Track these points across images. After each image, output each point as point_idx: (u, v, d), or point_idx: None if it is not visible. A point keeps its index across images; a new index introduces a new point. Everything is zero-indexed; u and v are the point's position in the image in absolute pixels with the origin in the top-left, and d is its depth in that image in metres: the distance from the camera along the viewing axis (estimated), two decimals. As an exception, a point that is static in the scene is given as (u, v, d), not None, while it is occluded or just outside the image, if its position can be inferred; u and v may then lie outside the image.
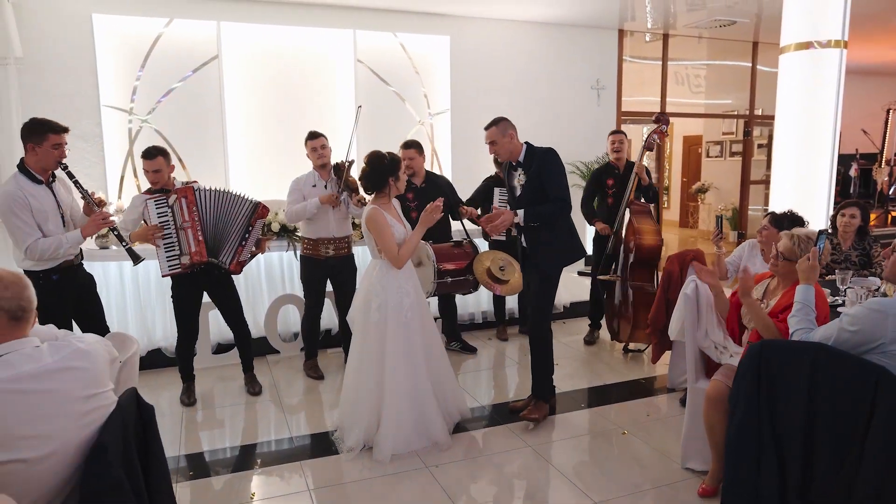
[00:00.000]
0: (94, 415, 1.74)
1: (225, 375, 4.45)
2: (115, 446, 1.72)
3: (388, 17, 6.62)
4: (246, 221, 3.81)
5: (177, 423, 3.75)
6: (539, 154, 3.51)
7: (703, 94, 8.98)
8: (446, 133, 7.00)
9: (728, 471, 2.29)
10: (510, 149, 3.53)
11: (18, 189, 3.19)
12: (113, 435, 1.74)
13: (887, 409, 1.92)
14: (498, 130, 3.49)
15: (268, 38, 6.17)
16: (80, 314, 3.56)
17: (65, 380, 1.69)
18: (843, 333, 2.13)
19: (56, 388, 1.66)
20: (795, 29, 5.75)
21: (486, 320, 5.48)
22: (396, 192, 3.40)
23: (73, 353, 1.73)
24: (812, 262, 2.45)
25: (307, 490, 2.97)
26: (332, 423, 3.66)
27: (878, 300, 2.14)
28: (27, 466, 1.62)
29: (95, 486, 1.64)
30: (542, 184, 3.47)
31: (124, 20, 5.68)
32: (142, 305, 4.53)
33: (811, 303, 2.37)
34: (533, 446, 3.37)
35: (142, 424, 1.97)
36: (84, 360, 1.74)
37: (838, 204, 4.08)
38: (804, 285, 2.43)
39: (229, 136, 6.11)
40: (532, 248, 3.59)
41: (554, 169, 3.49)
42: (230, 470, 3.21)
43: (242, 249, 3.82)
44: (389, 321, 3.27)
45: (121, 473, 1.68)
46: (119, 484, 1.66)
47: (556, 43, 7.42)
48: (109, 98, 5.73)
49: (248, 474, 3.17)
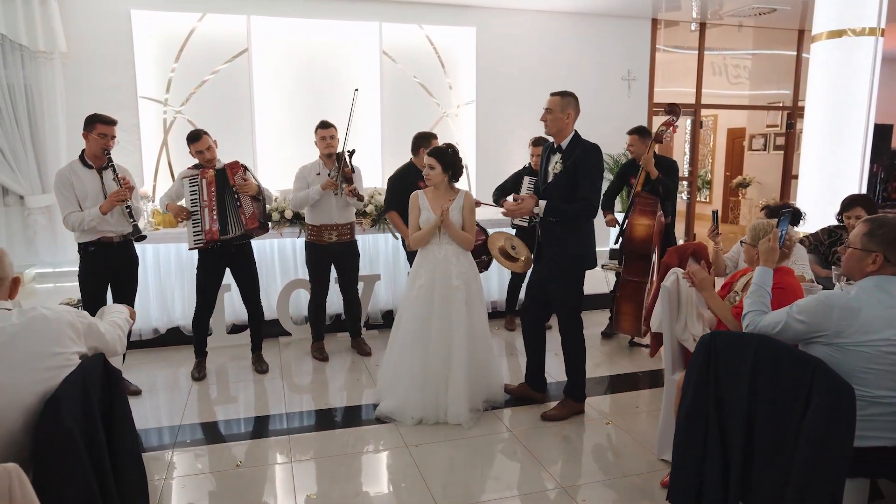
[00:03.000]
0: (53, 372, 1.91)
1: (237, 354, 4.67)
2: (70, 401, 1.88)
3: (415, 9, 6.71)
4: (227, 184, 3.97)
5: (184, 396, 3.97)
6: (582, 148, 3.38)
7: (745, 85, 8.70)
8: (471, 124, 7.05)
9: (675, 457, 2.29)
10: (561, 127, 3.39)
11: (69, 170, 3.72)
12: (68, 391, 1.90)
13: (819, 401, 1.89)
14: (561, 101, 3.37)
15: (295, 32, 6.37)
16: (116, 289, 3.90)
17: (25, 339, 1.86)
18: (791, 320, 2.12)
19: (16, 345, 1.84)
20: (828, 16, 5.54)
21: (496, 310, 5.52)
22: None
23: (35, 318, 1.91)
24: (772, 244, 2.40)
25: (289, 462, 3.12)
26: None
27: (827, 293, 2.11)
28: (-11, 414, 1.80)
29: (46, 434, 1.80)
30: (574, 178, 3.37)
31: (160, 15, 5.98)
32: (162, 286, 4.80)
33: (768, 285, 2.34)
34: (514, 432, 3.43)
35: (108, 387, 2.14)
36: (44, 323, 1.91)
37: (843, 201, 3.93)
38: (762, 267, 2.39)
39: (258, 126, 6.35)
40: (546, 242, 3.53)
41: (592, 168, 3.39)
42: (222, 440, 3.40)
43: (243, 209, 3.99)
44: (403, 297, 3.73)
45: (71, 425, 1.84)
46: (68, 433, 1.81)
47: (585, 33, 7.35)
48: (146, 90, 6.05)
49: (240, 444, 3.35)
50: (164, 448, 3.28)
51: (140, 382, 4.09)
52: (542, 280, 3.64)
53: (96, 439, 1.99)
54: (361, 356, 4.65)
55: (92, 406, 2.00)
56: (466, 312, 3.54)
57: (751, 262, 2.73)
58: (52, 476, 1.81)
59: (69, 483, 1.82)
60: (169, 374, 4.37)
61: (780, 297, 2.45)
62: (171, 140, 6.17)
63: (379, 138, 6.69)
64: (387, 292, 5.24)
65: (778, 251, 2.42)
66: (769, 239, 2.44)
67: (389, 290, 5.23)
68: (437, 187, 3.62)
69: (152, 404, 3.88)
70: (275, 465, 3.10)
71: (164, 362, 4.57)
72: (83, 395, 1.97)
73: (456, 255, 3.60)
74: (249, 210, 4.02)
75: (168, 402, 3.92)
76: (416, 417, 3.48)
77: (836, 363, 2.00)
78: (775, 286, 2.49)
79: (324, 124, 4.35)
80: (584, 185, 3.36)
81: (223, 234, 3.99)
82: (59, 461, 1.80)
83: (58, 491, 1.80)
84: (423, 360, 3.51)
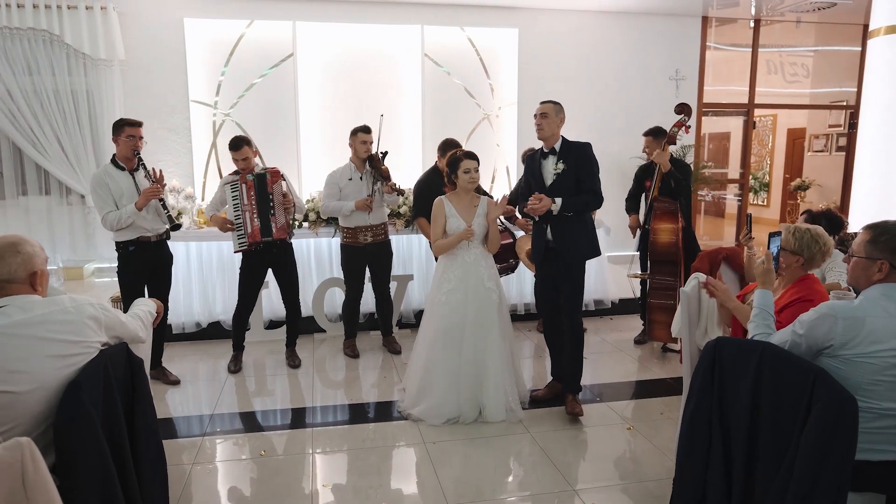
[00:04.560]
0: (75, 359, 2.05)
1: (273, 349, 4.83)
2: (89, 385, 2.01)
3: (457, 11, 6.76)
4: (266, 192, 4.15)
5: (220, 386, 4.14)
6: (577, 147, 3.61)
7: (805, 83, 8.35)
8: (512, 125, 7.05)
9: (679, 460, 2.26)
10: (554, 131, 3.62)
11: (103, 173, 3.93)
12: (89, 376, 2.03)
13: (819, 411, 1.83)
14: (554, 108, 3.61)
15: (339, 36, 6.52)
16: (151, 286, 4.09)
17: (48, 329, 2.00)
18: (796, 337, 2.06)
19: (39, 335, 1.98)
20: (887, 11, 5.27)
21: (528, 312, 5.51)
22: (463, 189, 3.64)
23: (59, 311, 2.05)
24: (767, 266, 2.38)
25: (310, 453, 3.22)
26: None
27: (830, 303, 2.04)
28: (16, 397, 1.94)
29: (66, 416, 1.94)
30: (578, 175, 3.55)
31: (211, 23, 6.24)
32: (205, 283, 5.02)
33: (769, 307, 2.29)
34: (533, 433, 3.42)
35: (130, 374, 2.28)
36: (65, 315, 2.05)
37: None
38: (761, 290, 2.35)
39: (302, 128, 6.54)
40: (559, 240, 3.61)
41: (593, 162, 3.60)
42: (252, 429, 3.54)
43: (275, 217, 4.17)
44: (428, 302, 3.76)
45: (90, 409, 1.97)
46: (87, 415, 1.94)
47: (631, 32, 7.23)
48: (197, 93, 6.32)
49: (267, 434, 3.48)
50: (196, 435, 3.44)
51: (180, 373, 4.29)
52: (552, 276, 3.70)
53: (117, 424, 2.11)
54: (391, 354, 4.74)
55: (113, 391, 2.13)
56: (498, 312, 3.61)
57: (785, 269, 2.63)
58: (70, 457, 1.94)
59: (87, 464, 1.95)
60: (208, 365, 4.57)
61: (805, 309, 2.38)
62: (220, 142, 6.42)
63: (420, 139, 6.77)
64: (419, 292, 5.30)
65: (774, 272, 2.40)
66: (763, 261, 2.40)
67: (422, 290, 5.30)
68: (463, 193, 3.65)
69: (190, 393, 4.07)
70: (296, 456, 3.20)
71: (205, 354, 4.78)
72: (104, 380, 2.10)
73: (483, 258, 3.65)
74: (280, 221, 4.19)
75: (205, 391, 4.09)
76: (453, 418, 3.53)
77: (843, 376, 1.94)
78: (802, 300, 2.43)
79: (366, 129, 4.45)
80: (589, 178, 3.56)
81: (265, 235, 4.15)
82: (78, 443, 1.93)
83: (76, 472, 1.93)
84: (458, 363, 3.55)
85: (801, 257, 2.53)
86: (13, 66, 5.90)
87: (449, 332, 3.57)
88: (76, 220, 6.40)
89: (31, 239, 2.13)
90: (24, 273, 2.05)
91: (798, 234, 2.58)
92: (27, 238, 2.11)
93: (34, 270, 2.09)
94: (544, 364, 4.58)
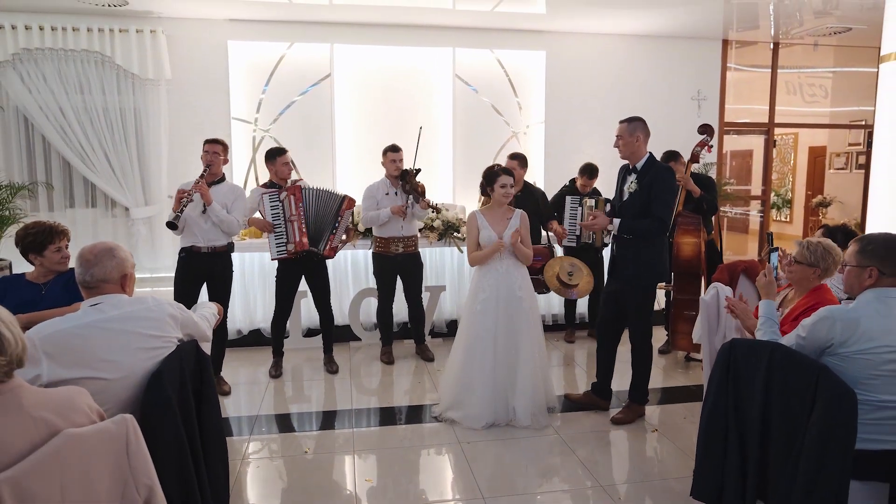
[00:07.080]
0: (157, 352, 2.31)
1: (311, 356, 5.07)
2: (170, 375, 2.26)
3: (487, 35, 7.04)
4: (335, 213, 4.45)
5: (262, 390, 4.39)
6: (656, 169, 3.62)
7: (824, 103, 8.49)
8: (539, 144, 7.27)
9: (698, 455, 2.45)
10: (633, 150, 3.63)
11: (186, 184, 4.13)
12: (169, 367, 2.28)
13: (822, 404, 2.02)
14: (628, 127, 3.63)
15: (374, 58, 6.83)
16: (211, 290, 4.33)
17: (135, 324, 2.26)
18: (800, 340, 2.28)
19: (128, 329, 2.24)
20: None
21: (556, 322, 5.70)
22: (496, 202, 3.84)
23: (144, 309, 2.31)
24: (769, 279, 2.59)
25: (352, 453, 3.44)
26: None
27: (829, 308, 2.27)
28: (107, 384, 2.20)
29: (152, 400, 2.19)
30: (648, 198, 3.58)
31: (253, 45, 6.58)
32: (247, 291, 5.29)
33: (773, 315, 2.52)
34: (561, 434, 3.61)
35: (199, 368, 2.53)
36: (149, 312, 2.31)
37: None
38: (766, 301, 2.56)
39: (338, 145, 6.83)
40: (622, 258, 3.73)
41: (665, 187, 3.61)
42: (294, 430, 3.77)
43: (334, 237, 4.47)
44: (465, 311, 3.93)
45: (170, 395, 2.21)
46: (168, 401, 2.19)
47: (654, 54, 7.45)
48: (238, 111, 6.64)
49: (309, 435, 3.70)
50: (243, 436, 3.68)
51: (225, 377, 4.53)
52: (616, 293, 3.80)
53: (188, 409, 2.36)
54: (425, 361, 4.95)
55: (186, 383, 2.39)
56: (529, 321, 3.79)
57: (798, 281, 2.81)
58: (153, 439, 2.18)
59: (167, 446, 2.19)
60: (250, 371, 4.82)
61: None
62: (259, 158, 6.72)
63: (451, 157, 7.03)
64: (451, 303, 5.52)
65: (775, 284, 2.62)
66: (765, 274, 2.62)
67: (454, 300, 5.52)
68: (496, 206, 3.86)
69: (235, 397, 4.31)
70: (339, 455, 3.42)
71: (247, 360, 5.03)
72: (180, 371, 2.36)
73: (516, 268, 3.84)
74: (336, 243, 4.49)
75: (248, 395, 4.34)
76: (489, 423, 3.72)
77: (843, 372, 2.15)
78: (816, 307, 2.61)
79: (395, 148, 4.72)
80: (659, 204, 3.57)
81: (313, 245, 4.42)
82: (160, 424, 2.17)
83: (157, 453, 2.16)
84: (492, 369, 3.75)
85: (818, 268, 2.72)
86: (66, 85, 6.26)
87: (483, 338, 3.76)
88: (119, 232, 6.71)
89: (122, 246, 2.40)
90: (117, 275, 2.31)
91: (811, 247, 2.77)
92: (120, 245, 2.38)
93: (125, 273, 2.36)
94: (573, 372, 4.77)
